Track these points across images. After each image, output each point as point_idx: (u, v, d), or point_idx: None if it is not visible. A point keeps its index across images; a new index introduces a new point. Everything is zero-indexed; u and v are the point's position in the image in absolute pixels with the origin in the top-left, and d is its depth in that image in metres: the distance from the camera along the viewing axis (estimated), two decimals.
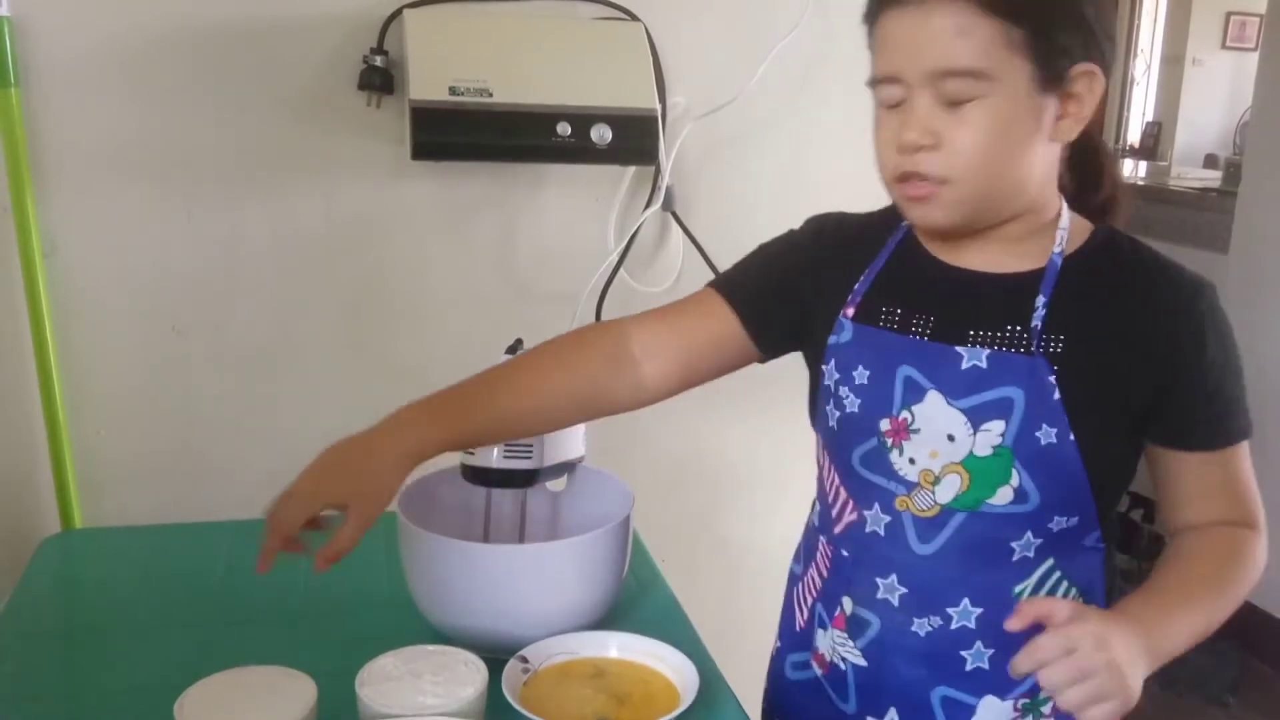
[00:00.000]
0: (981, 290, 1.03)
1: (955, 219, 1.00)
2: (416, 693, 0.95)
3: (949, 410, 1.00)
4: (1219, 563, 1.02)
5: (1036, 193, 1.01)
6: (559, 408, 1.14)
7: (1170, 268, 1.02)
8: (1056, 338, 0.99)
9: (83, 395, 1.65)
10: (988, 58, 0.92)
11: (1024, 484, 1.00)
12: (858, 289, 1.09)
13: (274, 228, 1.70)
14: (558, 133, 1.59)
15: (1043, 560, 1.04)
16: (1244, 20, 6.08)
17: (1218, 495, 1.04)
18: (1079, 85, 0.95)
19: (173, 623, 1.22)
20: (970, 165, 0.95)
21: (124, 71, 1.59)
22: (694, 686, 1.01)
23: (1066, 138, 0.98)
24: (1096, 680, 0.87)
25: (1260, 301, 3.17)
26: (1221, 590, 1.01)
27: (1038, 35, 0.92)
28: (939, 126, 0.94)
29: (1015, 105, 0.93)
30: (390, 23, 1.64)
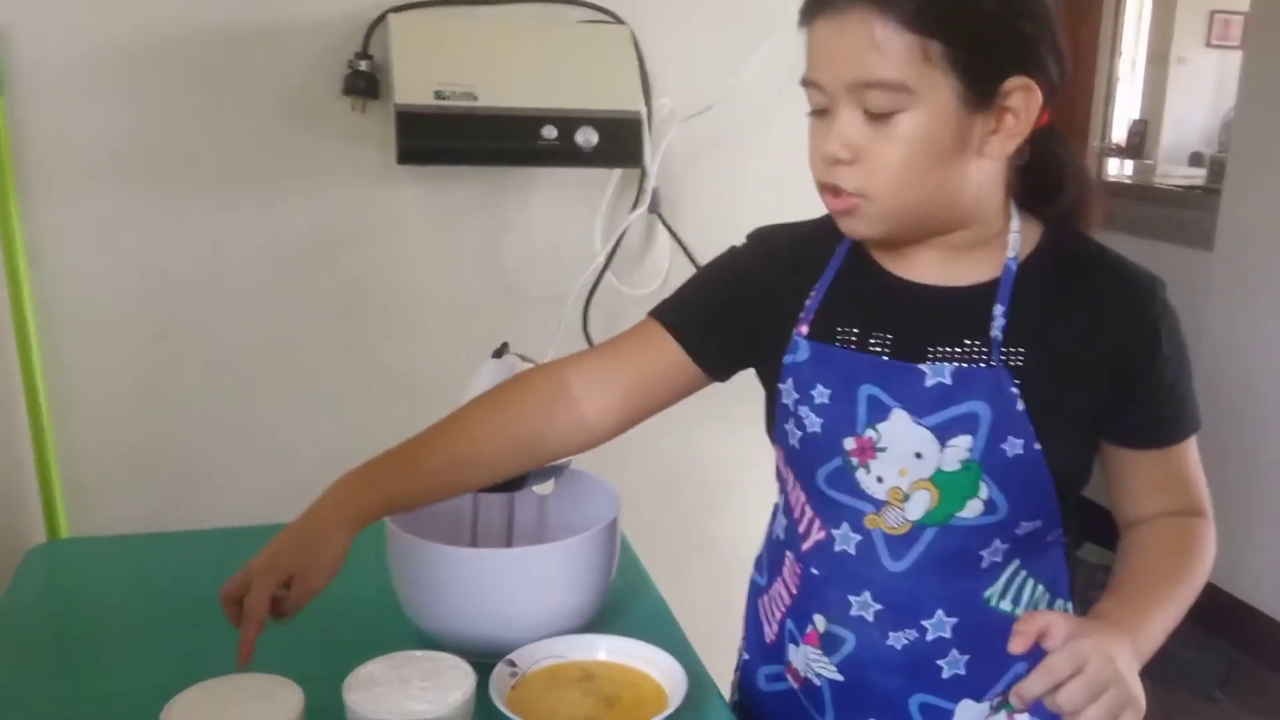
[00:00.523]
0: (938, 304, 1.02)
1: (879, 231, 1.00)
2: (404, 698, 0.95)
3: (915, 428, 1.00)
4: (1179, 554, 1.04)
5: (975, 206, 0.99)
6: (499, 456, 1.11)
7: (1122, 266, 1.03)
8: (1016, 349, 0.99)
9: (69, 402, 1.65)
10: (905, 71, 0.90)
11: (993, 495, 1.00)
12: (809, 305, 1.07)
13: (260, 233, 1.69)
14: (543, 136, 1.59)
15: (1009, 563, 1.05)
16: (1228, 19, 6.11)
17: (1170, 488, 1.07)
18: (1013, 100, 0.93)
19: (160, 631, 1.22)
20: (888, 182, 0.94)
21: (109, 77, 1.58)
22: (682, 689, 1.01)
23: (998, 154, 0.96)
24: (1111, 693, 0.87)
25: (1245, 298, 3.19)
26: (1185, 580, 1.03)
27: (958, 50, 0.90)
28: (860, 140, 0.94)
29: (938, 121, 0.91)
30: (375, 27, 1.64)
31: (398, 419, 1.79)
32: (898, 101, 0.91)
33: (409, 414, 1.79)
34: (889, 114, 0.92)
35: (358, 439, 1.78)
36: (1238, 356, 3.21)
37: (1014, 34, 0.92)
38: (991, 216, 1.01)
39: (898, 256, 1.04)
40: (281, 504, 1.72)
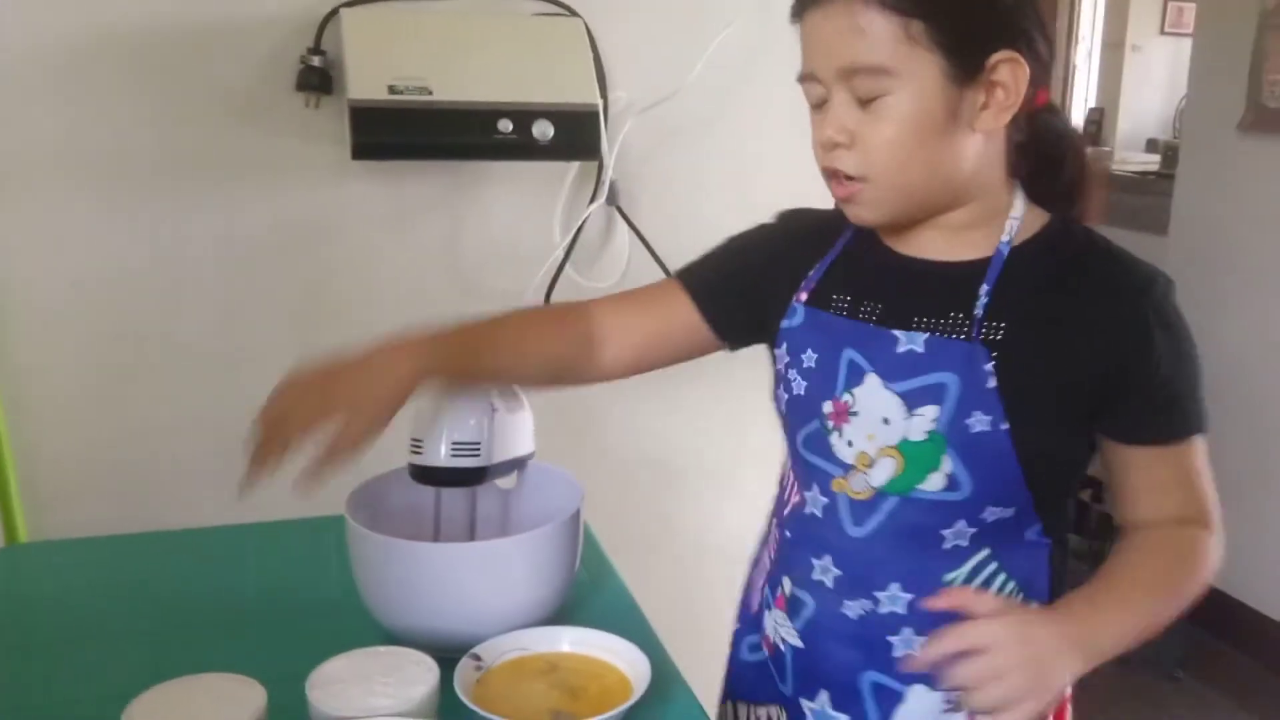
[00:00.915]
0: (929, 277, 1.04)
1: (882, 215, 1.02)
2: (367, 694, 0.95)
3: (885, 393, 1.01)
4: (1167, 563, 1.02)
5: (972, 182, 1.00)
6: (529, 372, 1.18)
7: (1121, 259, 1.01)
8: (997, 325, 0.99)
9: (25, 405, 1.63)
10: (889, 53, 0.92)
11: (956, 471, 0.99)
12: (812, 275, 1.10)
13: (217, 231, 1.68)
14: (499, 130, 1.59)
15: (977, 550, 1.03)
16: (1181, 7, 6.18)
17: (1169, 491, 1.03)
18: (1001, 74, 0.94)
19: (121, 633, 1.21)
20: (885, 162, 0.96)
21: (59, 76, 1.57)
22: (646, 678, 1.01)
23: (992, 127, 0.97)
24: (1011, 681, 0.88)
25: (1199, 282, 3.23)
26: (1167, 591, 1.01)
27: (939, 28, 0.92)
28: (854, 124, 0.96)
29: (927, 99, 0.94)
30: (327, 22, 1.63)
31: None
32: (884, 84, 0.93)
33: None
34: (875, 97, 0.94)
35: None
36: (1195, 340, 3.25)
37: (995, 8, 0.94)
38: (992, 193, 1.02)
39: (901, 235, 1.06)
40: (242, 504, 1.71)
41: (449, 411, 1.16)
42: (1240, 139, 3.04)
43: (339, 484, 1.20)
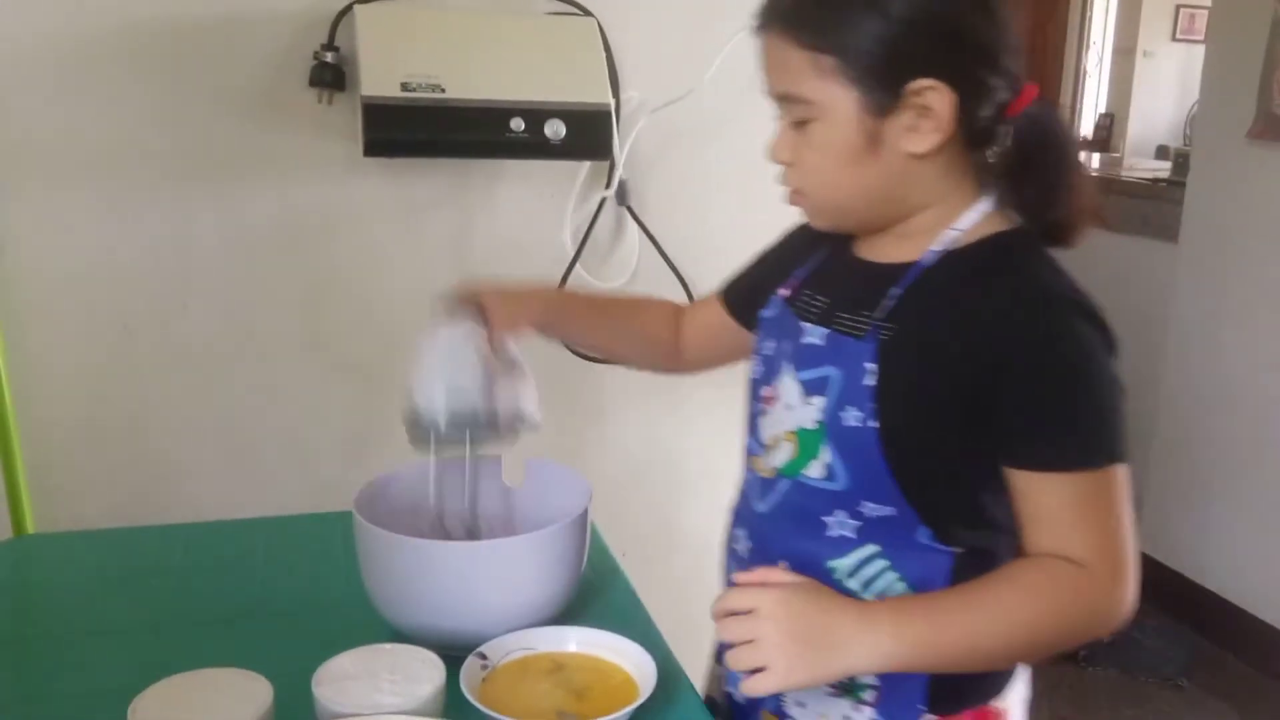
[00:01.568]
0: (862, 277, 1.07)
1: (827, 224, 1.10)
2: (374, 691, 0.95)
3: (791, 380, 1.07)
4: (1025, 590, 0.97)
5: (918, 195, 1.03)
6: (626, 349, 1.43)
7: (1033, 279, 1.00)
8: (890, 326, 1.01)
9: (33, 397, 1.63)
10: (804, 85, 0.98)
11: (832, 462, 1.02)
12: (798, 273, 1.16)
13: (226, 226, 1.68)
14: (511, 128, 1.59)
15: (863, 544, 1.03)
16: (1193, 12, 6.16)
17: (1061, 524, 0.97)
18: (926, 99, 0.96)
19: (127, 626, 1.21)
20: (815, 182, 1.04)
21: (70, 71, 1.57)
22: (652, 679, 1.01)
23: (922, 150, 0.98)
24: (762, 650, 0.91)
25: (1209, 290, 3.22)
26: (1015, 626, 0.97)
27: (849, 63, 0.96)
28: (791, 145, 1.03)
29: (845, 128, 0.98)
30: (341, 18, 1.63)
31: (364, 412, 1.81)
32: (806, 112, 1.00)
33: (375, 407, 1.80)
34: (805, 122, 1.01)
35: (324, 432, 1.79)
36: (1203, 347, 3.25)
37: (905, 42, 0.96)
38: (948, 201, 1.03)
39: (866, 238, 1.10)
40: (247, 498, 1.72)
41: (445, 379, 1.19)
42: (1251, 147, 3.03)
43: (348, 480, 1.21)
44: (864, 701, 1.06)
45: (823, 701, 1.08)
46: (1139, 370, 3.53)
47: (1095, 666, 3.06)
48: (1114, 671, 3.04)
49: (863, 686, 1.06)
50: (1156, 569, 3.42)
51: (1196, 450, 3.30)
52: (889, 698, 1.05)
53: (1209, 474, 3.25)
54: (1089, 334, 0.98)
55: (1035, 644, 0.99)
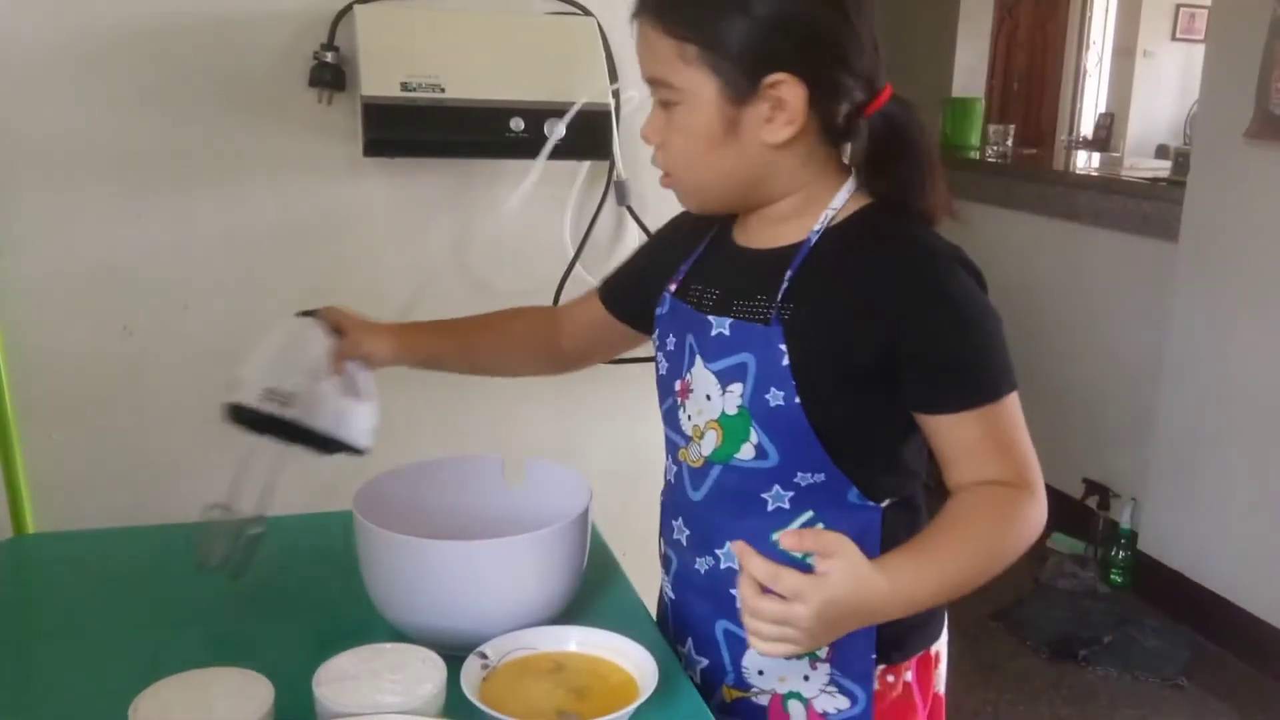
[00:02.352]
0: (751, 265, 1.13)
1: (697, 204, 1.16)
2: (375, 691, 0.95)
3: (705, 372, 1.12)
4: (981, 523, 1.03)
5: (781, 182, 1.09)
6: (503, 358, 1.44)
7: (907, 238, 1.07)
8: (790, 306, 1.07)
9: (33, 398, 1.63)
10: (669, 71, 1.05)
11: (762, 442, 1.08)
12: (682, 268, 1.20)
13: (226, 226, 1.68)
14: (511, 128, 1.59)
15: (800, 512, 1.10)
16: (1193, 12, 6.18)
17: (980, 456, 1.05)
18: (781, 92, 1.02)
19: (128, 626, 1.21)
20: (680, 163, 1.10)
21: (71, 70, 1.57)
22: (653, 680, 1.02)
23: (778, 140, 1.04)
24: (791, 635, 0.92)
25: (1209, 289, 3.23)
26: (981, 549, 1.03)
27: (711, 52, 1.02)
28: (660, 127, 1.09)
29: (705, 113, 1.04)
30: (341, 18, 1.63)
31: None
32: (672, 95, 1.06)
33: None
34: (671, 105, 1.06)
35: None
36: (1202, 347, 3.25)
37: (765, 36, 1.01)
38: (809, 188, 1.10)
39: (741, 227, 1.17)
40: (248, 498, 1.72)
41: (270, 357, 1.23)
42: (1251, 147, 3.03)
43: (348, 479, 1.21)
44: (820, 659, 1.13)
45: (781, 666, 1.14)
46: (1138, 369, 3.54)
47: (1095, 666, 3.06)
48: (1114, 671, 3.04)
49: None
50: (1156, 568, 3.42)
51: (1196, 449, 3.30)
52: (841, 655, 1.12)
53: (1209, 473, 3.25)
54: (969, 281, 1.05)
55: (997, 564, 1.04)
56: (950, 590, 1.02)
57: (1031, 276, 4.05)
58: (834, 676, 1.13)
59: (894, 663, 1.15)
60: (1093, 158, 4.97)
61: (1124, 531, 3.56)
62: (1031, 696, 2.94)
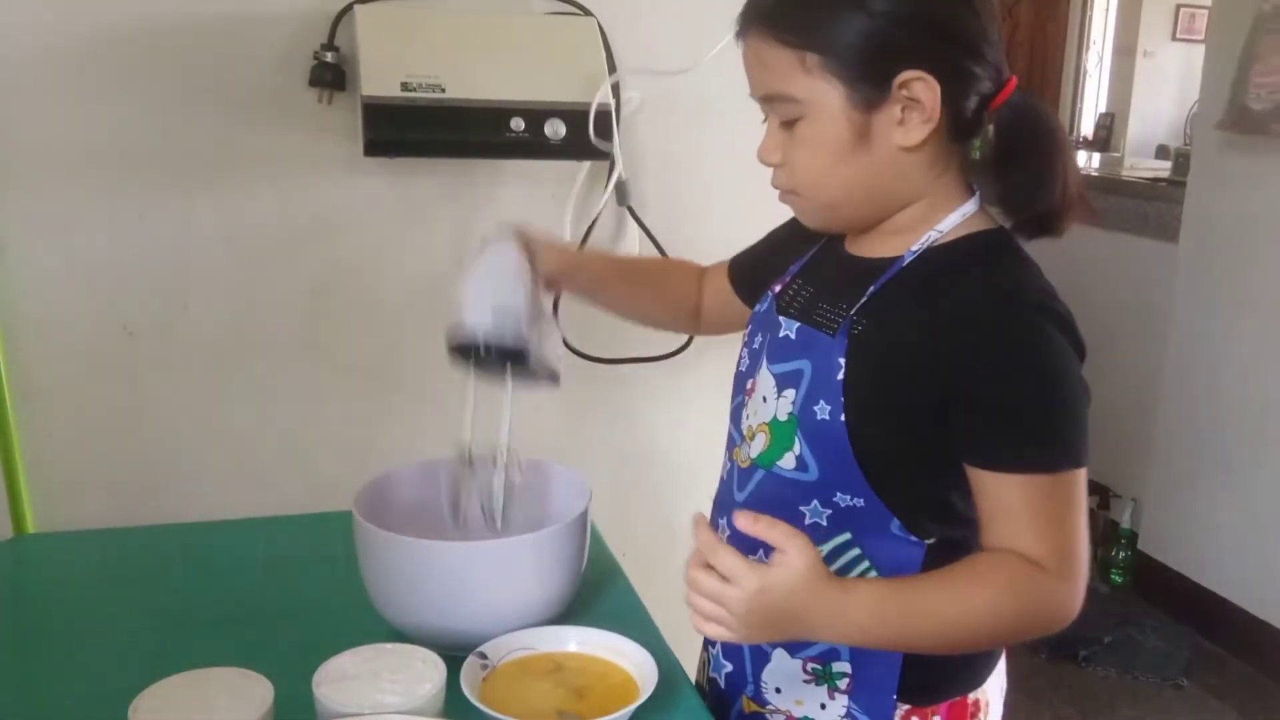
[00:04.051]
0: (845, 272, 1.09)
1: (820, 221, 1.10)
2: (375, 691, 0.95)
3: (767, 373, 1.10)
4: (980, 584, 0.97)
5: (906, 189, 1.03)
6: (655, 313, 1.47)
7: (1004, 278, 1.00)
8: (863, 321, 1.02)
9: (34, 399, 1.63)
10: (790, 83, 0.99)
11: (804, 453, 1.05)
12: (791, 269, 1.17)
13: (226, 227, 1.68)
14: (511, 128, 1.58)
15: (838, 533, 1.05)
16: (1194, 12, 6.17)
17: (1016, 523, 0.97)
18: (912, 91, 0.97)
19: (128, 627, 1.21)
20: (806, 180, 1.04)
21: (73, 71, 1.57)
22: (653, 680, 1.02)
23: (913, 142, 0.99)
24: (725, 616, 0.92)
25: (1209, 290, 3.22)
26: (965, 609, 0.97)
27: (833, 59, 0.97)
28: (780, 145, 1.04)
29: (833, 123, 0.99)
30: (341, 18, 1.63)
31: (365, 412, 1.81)
32: (794, 110, 1.01)
33: (376, 407, 1.80)
34: (794, 120, 1.01)
35: (325, 433, 1.79)
36: (1203, 347, 3.25)
37: (887, 35, 0.96)
38: (933, 196, 1.04)
39: (854, 235, 1.12)
40: (248, 499, 1.72)
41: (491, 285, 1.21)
42: (1253, 146, 3.03)
43: (348, 480, 1.21)
44: (839, 690, 1.09)
45: (799, 688, 1.10)
46: (1138, 369, 3.54)
47: (1096, 666, 3.06)
48: (1114, 671, 3.04)
49: (838, 675, 1.08)
50: (1157, 569, 3.42)
51: (1197, 449, 3.30)
52: (861, 688, 1.08)
53: (1209, 473, 3.25)
54: (1055, 337, 0.97)
55: (991, 636, 1.01)
56: (920, 643, 0.99)
57: None
58: (851, 710, 1.08)
59: (919, 704, 1.09)
60: (1093, 158, 4.97)
61: (1124, 531, 3.56)
62: (1032, 696, 2.94)
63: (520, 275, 1.22)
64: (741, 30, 1.03)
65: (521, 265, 1.23)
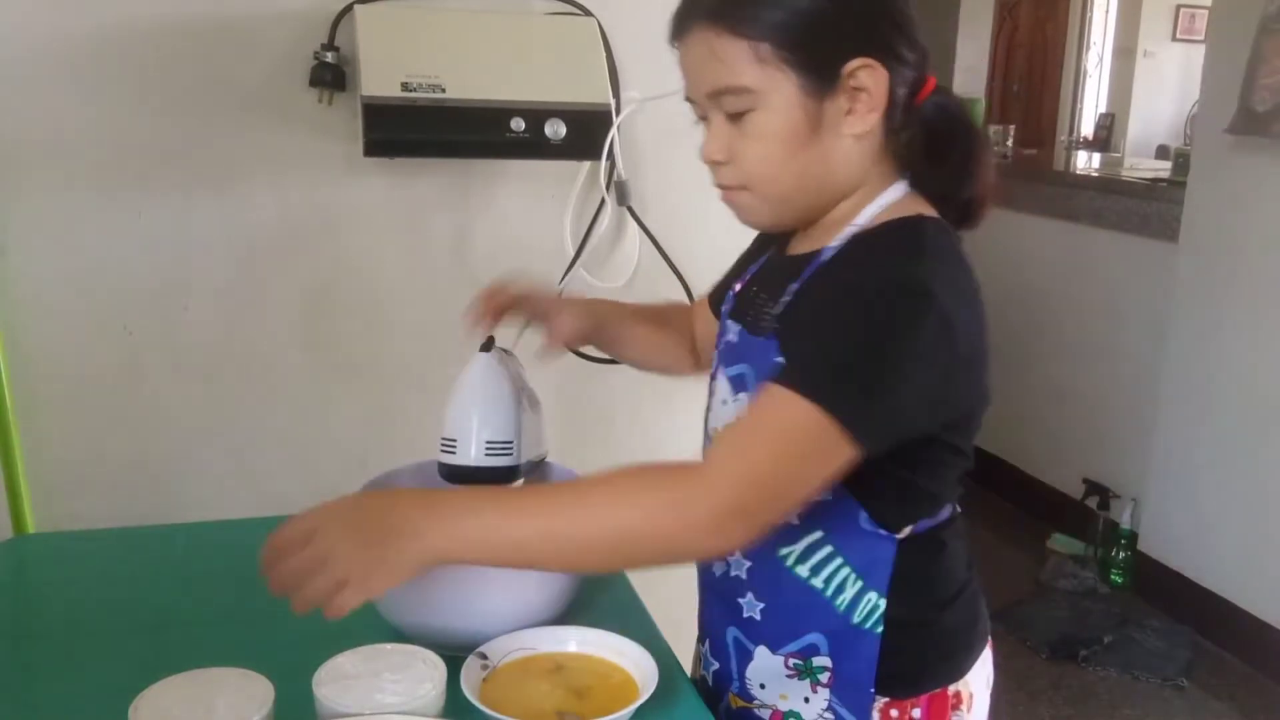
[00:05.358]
0: (778, 271, 1.11)
1: (766, 219, 1.10)
2: (375, 691, 0.95)
3: (723, 377, 1.13)
4: (606, 488, 0.96)
5: (846, 183, 1.05)
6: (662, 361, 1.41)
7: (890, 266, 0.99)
8: (783, 319, 1.04)
9: (34, 398, 1.63)
10: (744, 75, 0.99)
11: None
12: (750, 270, 1.19)
13: (226, 227, 1.68)
14: (511, 128, 1.59)
15: (810, 531, 1.05)
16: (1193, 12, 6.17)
17: (730, 426, 1.00)
18: (859, 79, 0.99)
19: (128, 627, 1.21)
20: (759, 173, 1.03)
21: (73, 71, 1.57)
22: (653, 679, 1.02)
23: (860, 130, 1.01)
24: (330, 565, 0.90)
25: (1209, 289, 3.23)
26: (588, 514, 0.95)
27: (786, 48, 0.98)
28: (728, 141, 1.03)
29: (788, 113, 1.00)
30: (341, 19, 1.63)
31: (365, 413, 1.81)
32: (746, 102, 1.00)
33: (376, 408, 1.80)
34: (744, 113, 1.01)
35: (324, 433, 1.79)
36: (1203, 347, 3.25)
37: (838, 22, 0.99)
38: (868, 187, 1.06)
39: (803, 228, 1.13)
40: (247, 499, 1.72)
41: (481, 410, 1.17)
42: (1254, 146, 3.03)
43: (348, 480, 1.21)
44: (820, 683, 1.09)
45: (783, 683, 1.11)
46: (1138, 369, 3.54)
47: (1095, 666, 3.06)
48: (1114, 671, 3.04)
49: (819, 669, 1.09)
50: (1157, 569, 3.42)
51: (1197, 449, 3.30)
52: (841, 682, 1.08)
53: (1209, 473, 3.25)
54: (902, 306, 0.94)
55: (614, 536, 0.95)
56: (546, 545, 0.95)
57: (1032, 277, 4.05)
58: (832, 703, 1.09)
59: (898, 697, 1.08)
60: (1093, 158, 4.97)
61: (1124, 532, 3.56)
62: (1032, 697, 2.94)
63: (509, 394, 1.20)
64: (682, 29, 1.03)
65: (509, 382, 1.21)
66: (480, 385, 1.19)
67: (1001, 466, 4.20)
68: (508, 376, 1.20)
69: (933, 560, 1.09)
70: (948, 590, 1.11)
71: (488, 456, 1.17)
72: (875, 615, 1.05)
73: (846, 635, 1.06)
